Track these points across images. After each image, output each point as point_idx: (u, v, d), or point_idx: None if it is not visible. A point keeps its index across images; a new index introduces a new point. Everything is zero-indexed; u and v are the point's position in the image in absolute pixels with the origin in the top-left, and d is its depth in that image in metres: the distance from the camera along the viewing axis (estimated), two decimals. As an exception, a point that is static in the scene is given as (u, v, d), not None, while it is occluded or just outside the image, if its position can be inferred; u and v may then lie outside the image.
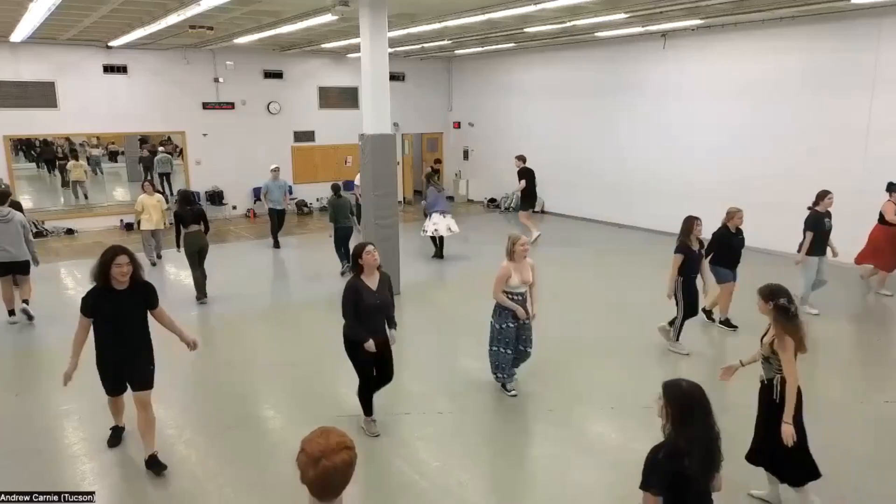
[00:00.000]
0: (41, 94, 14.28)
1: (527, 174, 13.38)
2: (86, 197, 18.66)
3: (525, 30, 12.47)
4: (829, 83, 11.16)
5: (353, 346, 5.41)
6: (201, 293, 9.45)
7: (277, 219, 13.24)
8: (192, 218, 9.33)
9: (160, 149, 19.68)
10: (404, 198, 18.95)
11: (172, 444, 5.43)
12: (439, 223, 11.99)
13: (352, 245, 11.31)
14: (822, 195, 8.44)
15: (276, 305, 10.02)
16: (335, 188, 11.26)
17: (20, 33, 12.16)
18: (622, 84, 14.64)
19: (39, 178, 23.27)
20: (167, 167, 18.60)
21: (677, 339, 7.40)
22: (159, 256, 11.80)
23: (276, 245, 13.31)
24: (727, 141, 12.71)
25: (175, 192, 10.09)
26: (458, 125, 19.86)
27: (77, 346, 4.81)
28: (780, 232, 8.90)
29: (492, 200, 18.53)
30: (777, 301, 4.14)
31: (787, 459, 4.26)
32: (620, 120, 14.79)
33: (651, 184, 14.15)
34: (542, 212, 17.12)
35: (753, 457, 4.47)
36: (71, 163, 19.73)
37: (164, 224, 11.73)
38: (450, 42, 14.75)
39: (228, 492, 4.85)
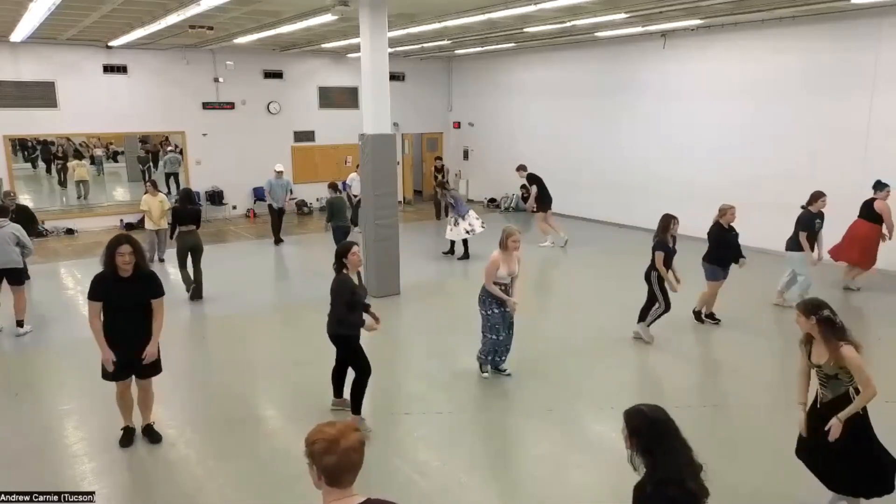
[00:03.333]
0: (41, 94, 14.27)
1: (537, 179, 13.13)
2: (86, 197, 18.66)
3: (525, 30, 12.47)
4: (829, 83, 11.15)
5: (348, 340, 5.51)
6: (189, 289, 9.57)
7: (277, 216, 13.65)
8: (189, 217, 9.54)
9: (168, 149, 19.66)
10: (404, 198, 18.94)
11: (173, 443, 5.43)
12: (474, 223, 11.95)
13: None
14: (817, 196, 8.38)
15: (276, 304, 10.01)
16: (334, 186, 11.71)
17: (20, 33, 12.16)
18: (622, 84, 14.63)
19: (36, 178, 23.27)
20: (175, 167, 18.59)
21: (648, 325, 7.53)
22: (161, 260, 11.75)
23: (277, 242, 13.62)
24: (727, 141, 12.70)
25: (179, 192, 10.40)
26: (458, 125, 19.85)
27: (98, 334, 4.94)
28: (781, 232, 8.88)
29: (492, 200, 18.52)
30: (820, 314, 3.91)
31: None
32: (620, 120, 14.78)
33: (651, 184, 14.14)
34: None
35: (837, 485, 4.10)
36: (74, 162, 19.68)
37: (165, 223, 11.71)
38: (450, 42, 14.75)
39: (229, 491, 4.84)
